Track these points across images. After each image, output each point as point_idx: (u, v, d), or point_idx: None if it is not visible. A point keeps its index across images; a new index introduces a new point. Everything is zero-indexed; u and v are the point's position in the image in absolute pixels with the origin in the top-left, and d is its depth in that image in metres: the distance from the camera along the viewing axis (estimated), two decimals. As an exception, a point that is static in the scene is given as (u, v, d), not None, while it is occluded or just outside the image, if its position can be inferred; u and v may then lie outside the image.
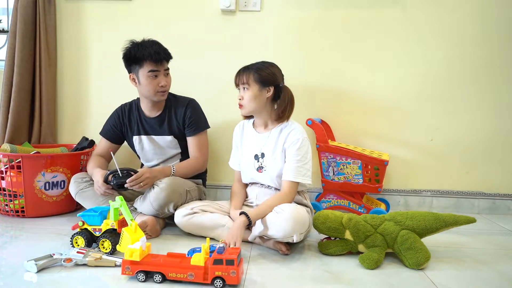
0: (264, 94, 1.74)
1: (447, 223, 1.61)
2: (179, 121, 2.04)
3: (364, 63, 2.34)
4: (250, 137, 1.87)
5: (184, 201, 1.92)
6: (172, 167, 1.97)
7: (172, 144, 2.06)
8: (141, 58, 1.91)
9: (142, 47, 1.92)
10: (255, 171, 1.81)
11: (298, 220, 1.57)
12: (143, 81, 1.94)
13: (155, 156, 2.09)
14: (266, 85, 1.73)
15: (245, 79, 1.73)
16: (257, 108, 1.76)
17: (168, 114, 2.06)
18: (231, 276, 1.33)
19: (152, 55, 1.90)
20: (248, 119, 1.91)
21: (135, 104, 2.12)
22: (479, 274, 1.51)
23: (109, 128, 2.12)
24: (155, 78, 1.93)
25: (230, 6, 2.31)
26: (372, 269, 1.52)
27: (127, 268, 1.38)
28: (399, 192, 2.39)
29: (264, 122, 1.83)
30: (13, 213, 2.09)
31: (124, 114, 2.10)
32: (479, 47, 2.28)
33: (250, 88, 1.73)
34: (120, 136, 2.13)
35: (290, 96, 1.78)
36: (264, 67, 1.74)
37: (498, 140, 2.33)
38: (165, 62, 1.97)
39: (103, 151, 2.11)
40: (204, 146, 2.08)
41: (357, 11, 2.31)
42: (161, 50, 1.93)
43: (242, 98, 1.76)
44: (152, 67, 1.91)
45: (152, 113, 2.06)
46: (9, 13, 2.58)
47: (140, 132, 2.08)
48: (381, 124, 2.36)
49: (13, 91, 2.36)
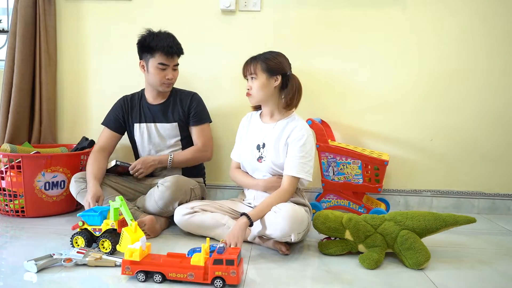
0: (272, 83, 1.75)
1: (447, 223, 1.61)
2: (184, 109, 2.08)
3: (364, 63, 2.34)
4: (255, 127, 1.88)
5: (189, 199, 1.93)
6: (169, 155, 2.01)
7: (173, 132, 2.07)
8: (153, 49, 1.96)
9: (157, 38, 1.96)
10: (256, 160, 1.82)
11: (296, 219, 1.57)
12: (152, 71, 1.99)
13: (153, 146, 2.09)
14: (274, 74, 1.74)
15: (253, 69, 1.75)
16: (265, 97, 1.77)
17: (173, 101, 2.09)
18: (231, 276, 1.33)
19: (165, 48, 1.94)
20: (256, 110, 1.92)
21: (138, 94, 2.16)
22: (479, 274, 1.51)
23: (111, 118, 2.13)
24: (163, 70, 1.98)
25: (230, 6, 2.32)
26: (372, 269, 1.52)
27: (127, 268, 1.38)
28: (399, 192, 2.39)
29: (271, 111, 1.83)
30: (13, 213, 2.09)
31: (126, 103, 2.13)
32: (479, 46, 2.28)
33: (258, 77, 1.74)
34: (122, 126, 2.13)
35: (298, 84, 1.79)
36: (271, 56, 1.76)
37: (498, 140, 2.33)
38: (176, 57, 2.02)
39: (105, 142, 2.10)
40: (207, 136, 2.11)
41: (357, 11, 2.31)
42: (174, 44, 1.98)
43: (251, 88, 1.77)
44: (163, 60, 1.96)
45: (156, 101, 2.10)
46: (9, 13, 2.58)
47: (141, 120, 2.10)
48: (381, 124, 2.36)
49: (13, 91, 2.36)
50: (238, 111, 2.13)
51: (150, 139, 2.08)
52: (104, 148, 2.08)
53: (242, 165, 1.90)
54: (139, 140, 2.11)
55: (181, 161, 2.04)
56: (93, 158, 2.00)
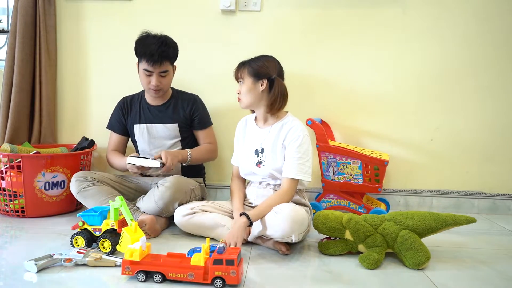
0: (258, 87, 1.75)
1: (447, 223, 1.61)
2: (186, 111, 2.08)
3: (364, 63, 2.34)
4: (252, 132, 1.87)
5: (189, 199, 1.93)
6: (188, 151, 2.02)
7: (173, 133, 2.07)
8: (139, 54, 1.96)
9: (143, 44, 1.95)
10: (254, 165, 1.81)
11: (297, 220, 1.57)
12: (140, 74, 2.02)
13: (154, 147, 2.09)
14: (260, 78, 1.74)
15: (241, 73, 1.77)
16: (253, 101, 1.77)
17: (174, 103, 2.09)
18: (231, 276, 1.33)
19: (147, 55, 1.92)
20: (253, 112, 1.92)
21: (138, 95, 2.16)
22: (479, 274, 1.51)
23: (114, 122, 2.16)
24: (147, 76, 1.98)
25: (230, 6, 2.32)
26: (372, 269, 1.52)
27: (127, 268, 1.38)
28: (399, 192, 2.39)
29: (264, 116, 1.83)
30: (13, 213, 2.09)
31: (126, 104, 2.14)
32: (479, 46, 2.28)
33: (245, 82, 1.76)
34: (126, 127, 2.15)
35: (282, 88, 1.75)
36: (258, 60, 1.76)
37: (498, 140, 2.33)
38: (160, 64, 1.93)
39: (116, 146, 2.16)
40: (214, 137, 2.17)
41: (357, 10, 2.31)
42: (158, 52, 1.90)
43: (240, 92, 1.79)
44: (146, 67, 1.95)
45: (156, 102, 2.10)
46: (9, 13, 2.57)
47: (141, 121, 2.10)
48: (381, 124, 2.36)
49: (13, 91, 2.36)
50: (237, 111, 2.12)
51: (150, 139, 2.08)
52: (116, 151, 2.15)
53: (240, 169, 1.90)
54: (140, 140, 2.11)
55: (197, 159, 2.07)
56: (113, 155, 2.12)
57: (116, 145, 2.16)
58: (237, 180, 1.92)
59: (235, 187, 1.90)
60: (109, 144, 2.18)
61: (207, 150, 2.12)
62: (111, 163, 2.13)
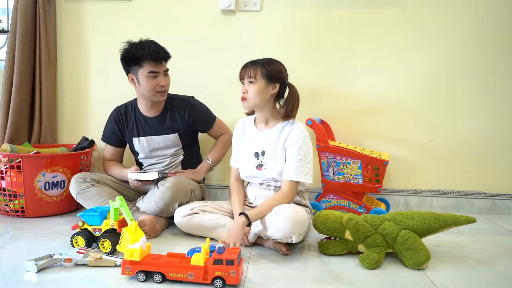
0: (269, 90, 1.74)
1: (447, 223, 1.61)
2: (183, 119, 2.06)
3: (364, 63, 2.34)
4: (251, 134, 1.86)
5: (189, 199, 1.92)
6: (207, 160, 2.12)
7: (174, 142, 2.06)
8: (140, 58, 1.90)
9: (141, 47, 1.91)
10: (255, 168, 1.81)
11: (297, 221, 1.57)
12: (143, 82, 1.93)
13: (155, 157, 2.09)
14: (273, 81, 1.73)
15: (252, 73, 1.71)
16: (260, 103, 1.74)
17: (170, 112, 2.06)
18: (231, 276, 1.33)
19: (152, 55, 1.89)
20: (250, 115, 1.91)
21: (131, 105, 2.11)
22: (479, 274, 1.51)
23: (109, 134, 2.13)
24: (154, 78, 1.93)
25: (230, 6, 2.31)
26: (372, 269, 1.52)
27: (127, 268, 1.38)
28: (399, 192, 2.39)
29: (266, 119, 1.82)
30: (13, 213, 2.09)
31: (120, 116, 2.10)
32: (479, 47, 2.28)
33: (257, 82, 1.71)
34: (122, 140, 2.13)
35: (297, 94, 1.77)
36: (272, 63, 1.74)
37: (498, 140, 2.33)
38: (164, 62, 1.97)
39: (113, 156, 2.16)
40: (224, 126, 2.20)
41: (357, 11, 2.31)
42: (160, 49, 1.93)
43: (247, 91, 1.73)
44: (152, 68, 1.91)
45: (152, 113, 2.06)
46: (9, 13, 2.57)
47: (139, 134, 2.07)
48: (381, 124, 2.36)
49: (13, 91, 2.36)
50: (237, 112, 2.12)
51: (151, 151, 2.07)
52: (113, 161, 2.15)
53: (240, 171, 1.89)
54: (140, 151, 2.10)
55: (219, 158, 2.16)
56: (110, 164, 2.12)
57: (112, 155, 2.15)
58: (236, 182, 1.91)
59: (234, 189, 1.89)
60: (104, 154, 2.17)
61: (224, 143, 2.16)
62: (109, 173, 2.10)
